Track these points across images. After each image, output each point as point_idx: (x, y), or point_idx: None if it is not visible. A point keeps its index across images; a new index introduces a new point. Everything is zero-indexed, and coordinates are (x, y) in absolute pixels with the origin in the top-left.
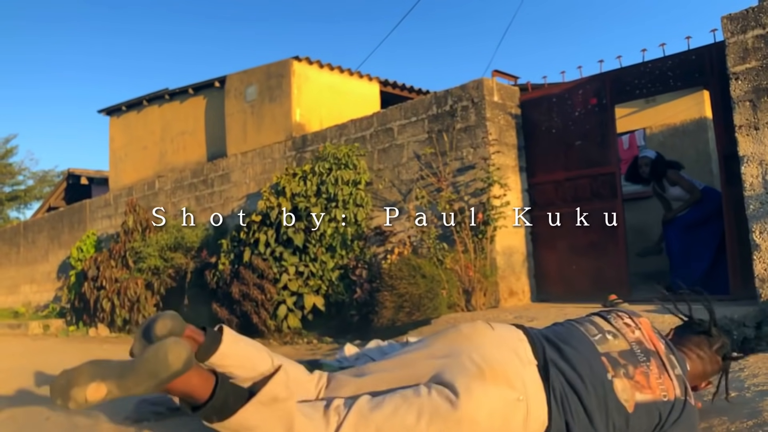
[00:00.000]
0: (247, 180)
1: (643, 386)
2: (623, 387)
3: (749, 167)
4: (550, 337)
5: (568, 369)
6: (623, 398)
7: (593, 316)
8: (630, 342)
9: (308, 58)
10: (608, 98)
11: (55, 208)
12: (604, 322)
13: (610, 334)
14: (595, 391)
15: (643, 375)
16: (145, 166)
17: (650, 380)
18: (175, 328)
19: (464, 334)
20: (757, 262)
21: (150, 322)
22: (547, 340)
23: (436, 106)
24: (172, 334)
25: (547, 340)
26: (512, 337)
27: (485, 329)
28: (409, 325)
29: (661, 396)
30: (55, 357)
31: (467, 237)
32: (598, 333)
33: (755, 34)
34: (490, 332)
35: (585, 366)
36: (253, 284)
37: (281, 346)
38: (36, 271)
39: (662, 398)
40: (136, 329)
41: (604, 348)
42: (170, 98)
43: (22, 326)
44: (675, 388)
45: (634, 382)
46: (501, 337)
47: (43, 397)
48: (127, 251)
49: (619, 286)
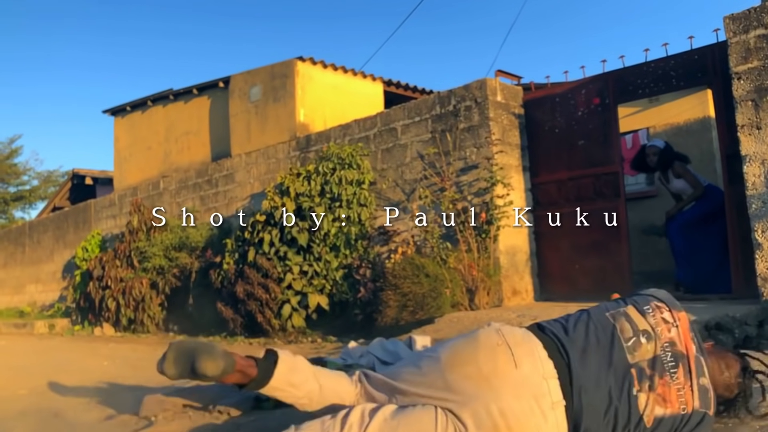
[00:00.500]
0: (252, 180)
1: (665, 399)
2: (645, 401)
3: (751, 166)
4: (586, 350)
5: (596, 399)
6: (644, 413)
7: (629, 304)
8: (662, 344)
9: (312, 59)
10: (611, 98)
11: (59, 208)
12: (640, 317)
13: (644, 336)
14: (620, 410)
15: (666, 387)
16: (150, 166)
17: (671, 393)
18: (228, 367)
19: (484, 374)
20: (759, 261)
21: (192, 353)
22: (582, 352)
23: (439, 106)
24: (225, 373)
25: (582, 352)
26: (536, 378)
27: (507, 368)
28: (413, 324)
29: (680, 409)
30: (62, 356)
31: (470, 236)
32: (632, 336)
33: (757, 33)
34: (512, 372)
35: (615, 386)
36: (257, 283)
37: (285, 345)
38: (41, 271)
39: (680, 411)
40: (175, 352)
41: (635, 357)
42: (174, 98)
43: (27, 326)
44: (695, 400)
45: (657, 395)
46: (524, 380)
47: (52, 395)
48: (132, 251)
49: (622, 286)
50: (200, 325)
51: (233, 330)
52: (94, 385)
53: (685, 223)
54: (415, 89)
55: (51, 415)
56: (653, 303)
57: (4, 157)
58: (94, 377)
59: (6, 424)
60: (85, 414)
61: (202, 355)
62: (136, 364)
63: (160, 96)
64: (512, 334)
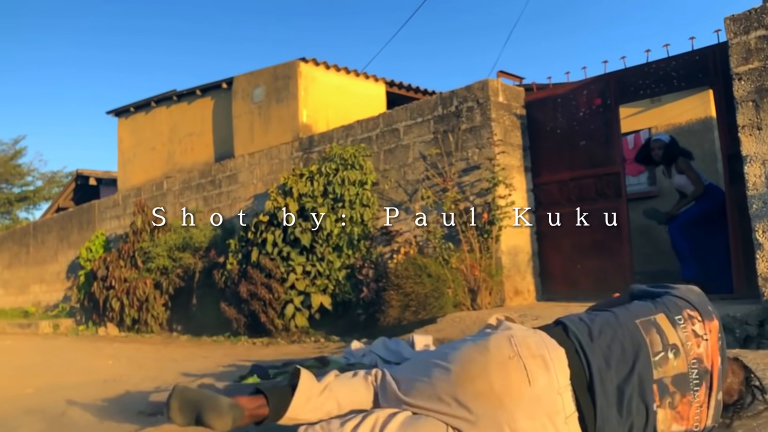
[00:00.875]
0: (255, 180)
1: (682, 417)
2: (664, 417)
3: (752, 167)
4: (609, 359)
5: (613, 412)
6: (660, 428)
7: (660, 311)
8: (690, 361)
9: (315, 60)
10: (612, 99)
11: (64, 209)
12: (670, 329)
13: (672, 351)
14: (636, 424)
15: (686, 405)
16: (154, 167)
17: (691, 411)
18: (236, 419)
19: (496, 393)
20: (760, 261)
21: (197, 406)
22: (605, 361)
23: (441, 107)
24: (234, 425)
25: (605, 361)
26: (551, 394)
27: (520, 386)
28: (416, 324)
29: (694, 426)
30: (67, 355)
31: (472, 237)
32: (661, 351)
33: (758, 35)
34: (525, 391)
35: (635, 399)
36: (260, 283)
37: (289, 344)
38: (45, 271)
39: (694, 428)
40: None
41: (659, 372)
42: (178, 99)
43: (32, 325)
44: (709, 418)
45: (676, 412)
46: (538, 398)
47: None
48: (136, 251)
49: (623, 286)
50: (204, 325)
51: (236, 330)
52: (100, 383)
53: (686, 223)
54: (418, 90)
55: (58, 413)
56: (686, 312)
57: (8, 157)
58: (100, 376)
59: (13, 422)
60: (91, 412)
61: (209, 411)
62: (140, 364)
63: (163, 97)
64: (525, 344)
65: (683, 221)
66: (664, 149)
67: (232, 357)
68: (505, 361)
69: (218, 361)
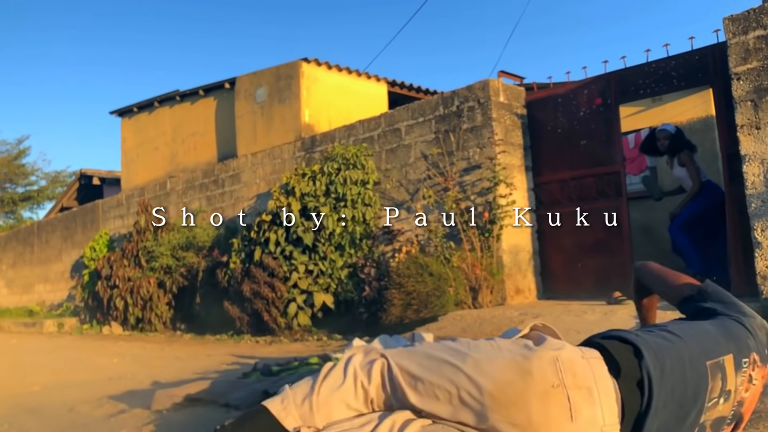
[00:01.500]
0: (258, 180)
1: None
2: None
3: (751, 166)
4: (667, 403)
5: None
6: None
7: (730, 351)
8: (732, 406)
9: (317, 60)
10: (613, 98)
11: (67, 208)
12: (732, 375)
13: (723, 397)
14: None
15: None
16: (157, 167)
17: None
18: None
19: (534, 426)
20: (759, 260)
21: None
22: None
23: (442, 107)
24: None
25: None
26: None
27: (561, 421)
28: (417, 323)
29: None
30: (72, 353)
31: (474, 236)
32: (716, 397)
33: (756, 35)
34: (565, 426)
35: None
36: (263, 282)
37: (292, 343)
38: (50, 271)
39: None
40: None
41: (705, 417)
42: (181, 99)
43: (37, 324)
44: None
45: None
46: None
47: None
48: (140, 250)
49: (624, 284)
50: (207, 323)
51: (240, 328)
52: (105, 381)
53: (684, 221)
54: (419, 89)
55: (65, 410)
56: (753, 355)
57: (12, 157)
58: (105, 374)
59: (21, 418)
60: (98, 409)
61: None
62: (145, 362)
63: (166, 97)
64: (571, 371)
65: (682, 220)
66: (669, 140)
67: (236, 355)
68: (548, 392)
69: (222, 360)
